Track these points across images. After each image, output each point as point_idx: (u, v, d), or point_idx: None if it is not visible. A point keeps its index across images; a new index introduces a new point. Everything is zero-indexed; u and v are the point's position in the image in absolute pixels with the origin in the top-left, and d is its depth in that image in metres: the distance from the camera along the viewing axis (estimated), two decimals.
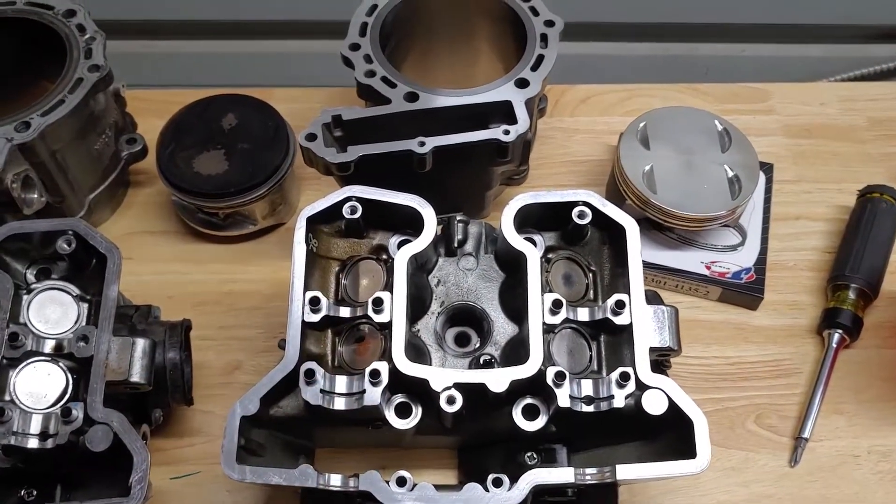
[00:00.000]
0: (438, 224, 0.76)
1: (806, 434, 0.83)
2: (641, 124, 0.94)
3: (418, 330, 0.76)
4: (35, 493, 0.72)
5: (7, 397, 0.69)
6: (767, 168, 0.99)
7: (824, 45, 1.34)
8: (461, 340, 0.78)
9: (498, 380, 0.68)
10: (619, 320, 0.71)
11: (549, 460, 0.75)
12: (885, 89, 1.11)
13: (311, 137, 0.79)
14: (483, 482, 0.68)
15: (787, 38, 1.35)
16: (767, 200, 0.97)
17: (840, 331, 0.87)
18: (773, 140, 1.05)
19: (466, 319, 0.78)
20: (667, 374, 0.76)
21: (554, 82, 1.07)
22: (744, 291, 0.90)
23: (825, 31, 1.33)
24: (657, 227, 0.93)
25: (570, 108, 1.08)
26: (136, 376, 0.71)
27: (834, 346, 0.87)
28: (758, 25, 1.33)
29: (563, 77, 1.09)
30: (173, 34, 1.27)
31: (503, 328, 0.76)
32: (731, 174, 0.91)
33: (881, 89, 1.11)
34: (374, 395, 0.68)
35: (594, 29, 1.31)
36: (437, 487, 0.69)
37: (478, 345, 0.77)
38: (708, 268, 0.92)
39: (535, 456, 0.75)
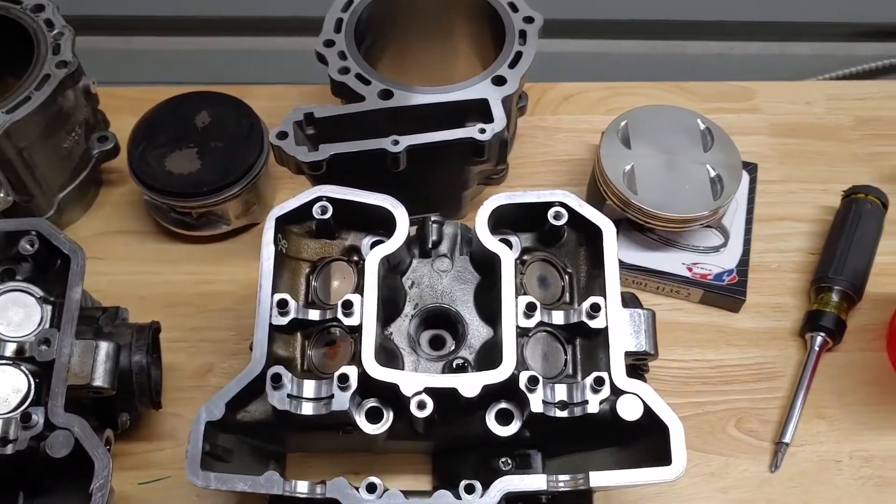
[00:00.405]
0: (413, 225, 0.75)
1: (787, 439, 0.82)
2: (623, 123, 0.92)
3: (391, 333, 0.75)
4: None
5: None
6: (751, 168, 0.98)
7: (812, 42, 1.32)
8: (436, 343, 0.77)
9: (469, 385, 0.67)
10: (595, 324, 0.70)
11: (523, 466, 0.73)
12: (872, 88, 1.09)
13: (283, 135, 0.78)
14: (457, 487, 0.66)
15: (775, 36, 1.33)
16: (751, 201, 0.96)
17: (823, 334, 0.86)
18: (758, 139, 1.03)
19: (441, 322, 0.77)
20: (644, 379, 0.74)
21: (537, 80, 1.06)
22: (725, 293, 0.89)
23: (813, 29, 1.31)
24: (638, 227, 0.91)
25: (552, 106, 1.06)
26: (100, 380, 0.69)
27: (816, 349, 0.86)
28: (745, 23, 1.31)
29: (547, 75, 1.08)
30: (150, 31, 1.25)
31: (478, 331, 0.75)
32: (713, 174, 0.89)
33: (868, 88, 1.10)
34: (342, 400, 0.67)
35: (580, 26, 1.30)
36: (408, 494, 0.67)
37: (452, 348, 0.75)
38: (689, 269, 0.90)
39: (509, 461, 0.74)
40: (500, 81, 0.82)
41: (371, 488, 0.66)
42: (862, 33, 1.30)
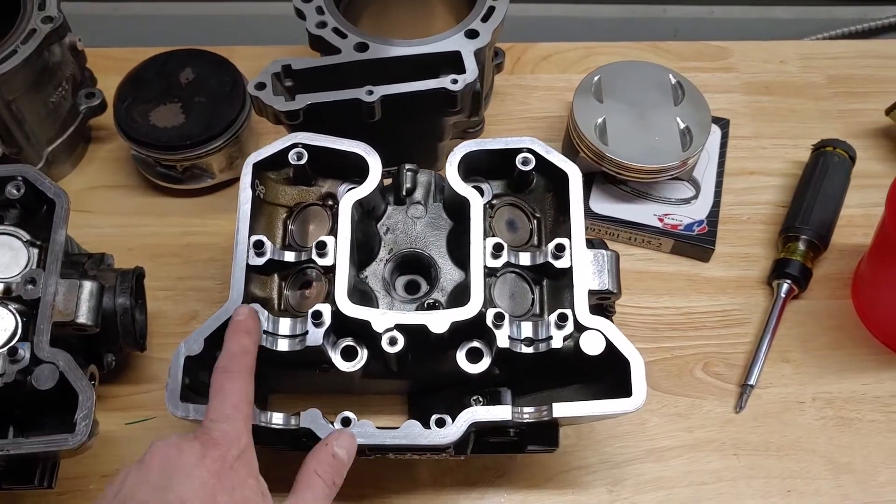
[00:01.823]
0: (388, 175, 0.78)
1: (752, 381, 0.84)
2: (595, 78, 0.95)
3: (366, 276, 0.77)
4: None
5: None
6: (723, 123, 1.00)
7: (791, 7, 1.34)
8: (410, 288, 0.79)
9: (438, 321, 0.69)
10: (560, 263, 0.73)
11: (494, 402, 0.76)
12: (845, 47, 1.11)
13: (261, 86, 0.80)
14: (430, 423, 0.69)
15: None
16: (722, 155, 0.98)
17: (789, 281, 0.88)
18: (731, 97, 1.05)
19: (415, 267, 0.79)
20: (611, 320, 0.77)
21: (518, 41, 1.08)
22: (695, 243, 0.92)
23: None
24: (611, 180, 0.94)
25: (530, 65, 1.08)
26: (83, 318, 0.72)
27: (783, 295, 0.88)
28: None
29: (529, 38, 1.10)
30: None
31: (450, 275, 0.77)
32: (682, 126, 0.91)
33: (841, 47, 1.12)
34: (316, 336, 0.70)
35: None
36: (380, 427, 0.70)
37: (426, 291, 0.78)
38: (661, 220, 0.93)
39: (480, 399, 0.76)
40: (472, 34, 0.84)
41: (346, 422, 0.69)
42: None
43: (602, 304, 0.76)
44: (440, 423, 0.69)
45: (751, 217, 0.96)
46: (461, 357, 0.72)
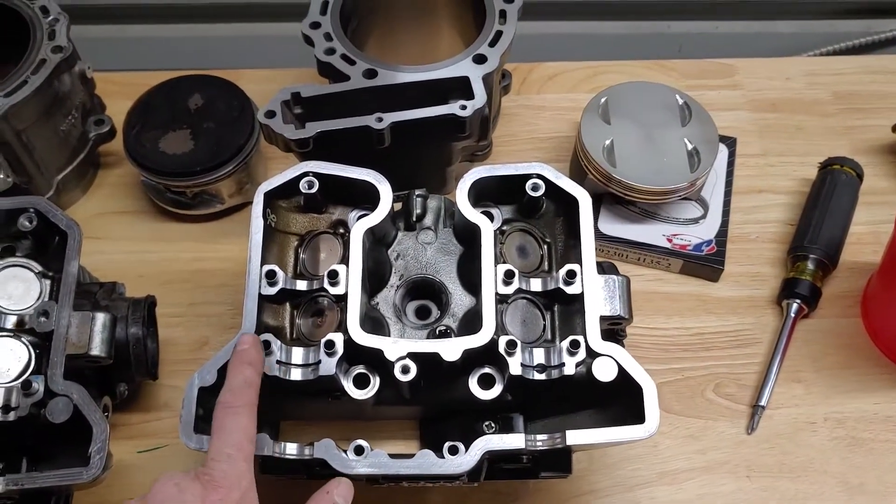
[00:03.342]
0: (398, 199, 0.78)
1: (763, 402, 0.85)
2: (603, 100, 0.95)
3: (377, 303, 0.78)
4: (2, 465, 0.73)
5: None
6: (731, 142, 1.00)
7: (796, 20, 1.34)
8: (421, 313, 0.79)
9: (451, 349, 0.69)
10: (571, 289, 0.73)
11: (506, 428, 0.76)
12: (850, 63, 1.12)
13: (270, 114, 0.80)
14: (443, 450, 0.69)
15: (759, 14, 1.35)
16: (730, 174, 0.98)
17: (798, 300, 0.89)
18: (738, 115, 1.06)
19: (426, 292, 0.80)
20: (622, 344, 0.77)
21: (523, 61, 1.09)
22: (704, 263, 0.92)
23: (797, 7, 1.34)
24: (619, 201, 0.94)
25: (537, 85, 1.09)
26: (96, 349, 0.72)
27: (792, 315, 0.88)
28: (730, 2, 1.33)
29: (534, 57, 1.10)
30: (144, 19, 1.28)
31: (461, 300, 0.77)
32: (690, 147, 0.92)
33: (846, 63, 1.12)
34: (329, 366, 0.70)
35: (567, 7, 1.32)
36: (394, 456, 0.70)
37: (437, 317, 0.78)
38: (669, 240, 0.93)
39: (493, 425, 0.76)
40: (480, 60, 0.85)
41: (359, 450, 0.69)
42: (843, 11, 1.32)
43: (613, 328, 0.76)
44: (453, 451, 0.69)
45: (759, 236, 0.96)
46: (473, 383, 0.72)
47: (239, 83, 0.96)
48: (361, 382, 0.73)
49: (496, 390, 0.72)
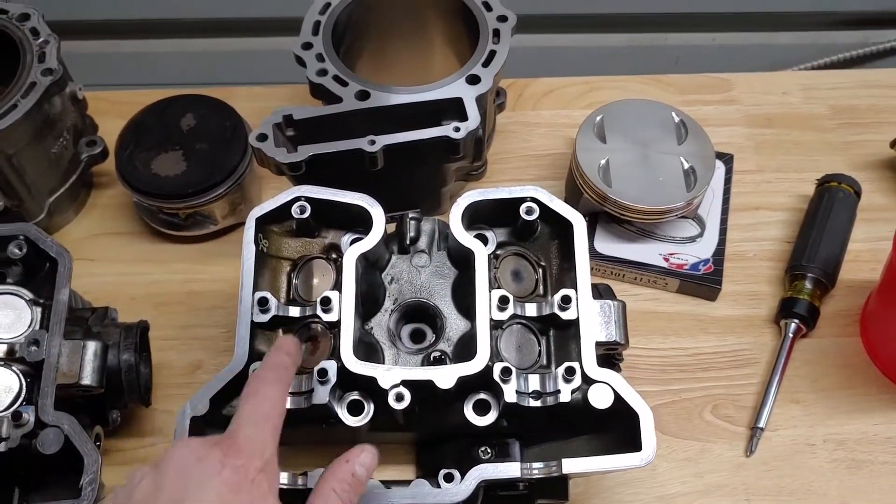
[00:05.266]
0: (391, 221, 0.77)
1: (762, 424, 0.84)
2: (598, 118, 0.94)
3: (371, 327, 0.77)
4: None
5: None
6: (727, 159, 1.00)
7: (793, 32, 1.34)
8: (416, 337, 0.79)
9: (445, 377, 0.69)
10: (566, 315, 0.72)
11: (502, 454, 0.76)
12: (847, 77, 1.11)
13: (262, 138, 0.80)
14: (438, 477, 0.69)
15: (757, 26, 1.35)
16: (727, 191, 0.97)
17: (796, 320, 0.88)
18: (734, 130, 1.05)
19: (420, 316, 0.79)
20: (619, 369, 0.77)
21: (518, 76, 1.08)
22: (701, 283, 0.91)
23: (794, 19, 1.34)
24: (615, 220, 0.93)
25: (532, 101, 1.08)
26: (88, 379, 0.71)
27: (790, 335, 0.88)
28: (727, 14, 1.33)
29: (529, 71, 1.10)
30: (136, 34, 1.28)
31: (455, 324, 0.77)
32: (686, 166, 0.91)
33: (842, 77, 1.11)
34: (322, 394, 0.69)
35: (562, 20, 1.32)
36: (388, 484, 0.69)
37: (431, 341, 0.77)
38: (666, 260, 0.92)
39: (489, 450, 0.76)
40: (474, 80, 0.84)
41: None
42: (841, 22, 1.32)
43: (609, 353, 0.75)
44: (449, 479, 0.69)
45: (757, 254, 0.96)
46: (468, 410, 0.72)
47: (231, 101, 0.95)
48: (355, 409, 0.72)
49: (491, 417, 0.71)
